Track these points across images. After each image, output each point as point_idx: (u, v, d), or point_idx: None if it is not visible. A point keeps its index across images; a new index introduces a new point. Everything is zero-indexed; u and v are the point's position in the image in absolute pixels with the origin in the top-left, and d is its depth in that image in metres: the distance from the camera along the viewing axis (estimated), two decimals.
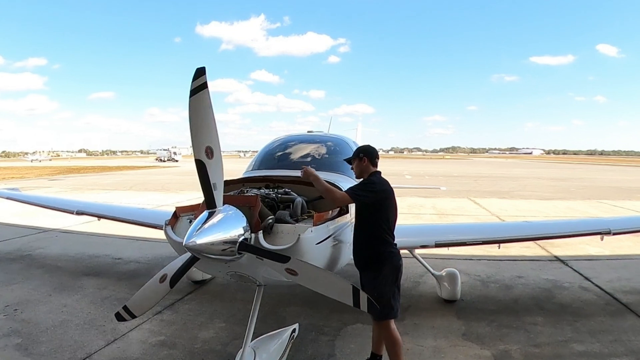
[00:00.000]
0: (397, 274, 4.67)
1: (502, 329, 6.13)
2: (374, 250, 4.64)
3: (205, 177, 3.53)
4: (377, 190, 4.61)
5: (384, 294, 4.53)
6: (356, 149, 5.06)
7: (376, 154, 4.96)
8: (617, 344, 5.67)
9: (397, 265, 4.68)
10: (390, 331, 4.63)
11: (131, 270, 8.93)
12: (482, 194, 25.34)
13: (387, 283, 4.60)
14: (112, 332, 5.85)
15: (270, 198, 4.63)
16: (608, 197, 24.54)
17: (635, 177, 46.70)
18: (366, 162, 4.86)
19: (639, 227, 7.94)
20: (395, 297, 4.65)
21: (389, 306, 4.56)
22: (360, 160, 4.88)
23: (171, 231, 4.30)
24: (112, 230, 12.01)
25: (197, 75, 3.34)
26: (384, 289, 4.56)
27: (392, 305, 4.59)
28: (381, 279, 4.58)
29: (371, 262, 4.66)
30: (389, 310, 4.57)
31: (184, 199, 20.80)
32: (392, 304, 4.60)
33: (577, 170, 64.12)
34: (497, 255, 9.75)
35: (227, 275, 4.29)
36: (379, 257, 4.62)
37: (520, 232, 7.67)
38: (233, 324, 6.17)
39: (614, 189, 30.39)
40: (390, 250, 4.65)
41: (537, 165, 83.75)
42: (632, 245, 11.37)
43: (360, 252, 4.76)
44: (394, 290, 4.63)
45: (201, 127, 3.47)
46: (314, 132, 8.32)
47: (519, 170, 60.72)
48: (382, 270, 4.59)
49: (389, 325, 4.62)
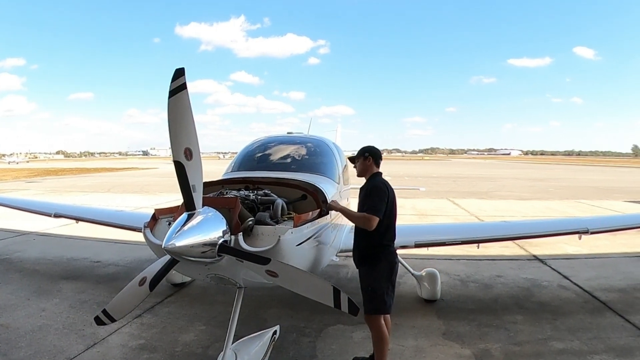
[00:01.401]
0: (392, 270, 4.78)
1: (482, 328, 6.17)
2: (373, 248, 4.74)
3: (184, 178, 3.50)
4: (389, 199, 4.73)
5: (377, 289, 4.65)
6: (361, 149, 5.13)
7: (380, 155, 5.14)
8: (596, 341, 5.74)
9: (393, 262, 4.80)
10: (379, 326, 4.70)
11: (110, 274, 8.84)
12: (461, 195, 25.56)
13: (382, 278, 4.69)
14: (91, 337, 5.78)
15: (250, 200, 4.60)
16: (586, 197, 24.90)
17: (613, 177, 47.44)
18: (371, 162, 5.00)
19: (616, 226, 8.11)
20: (389, 293, 4.73)
21: (382, 301, 4.66)
22: (365, 159, 5.01)
23: (150, 234, 4.27)
24: (90, 233, 11.86)
25: (176, 76, 3.31)
26: (379, 284, 4.67)
27: (384, 301, 4.68)
28: (376, 274, 4.69)
29: (368, 257, 4.77)
30: (381, 304, 4.66)
31: (163, 201, 20.64)
32: (385, 299, 4.68)
33: (555, 170, 65.00)
34: (477, 255, 9.84)
35: (207, 278, 4.26)
36: (376, 253, 4.73)
37: (499, 232, 7.74)
38: (213, 326, 6.14)
39: (591, 189, 30.85)
40: (387, 248, 4.78)
41: (516, 166, 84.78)
42: (610, 244, 11.53)
43: (359, 249, 4.86)
44: (388, 286, 4.72)
45: (180, 128, 3.44)
46: (294, 133, 8.30)
47: (497, 171, 61.37)
48: (378, 265, 4.71)
49: (379, 320, 4.69)
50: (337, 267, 8.70)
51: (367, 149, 5.07)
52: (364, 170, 5.04)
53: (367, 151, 5.02)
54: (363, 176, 5.09)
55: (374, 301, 4.66)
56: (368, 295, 4.70)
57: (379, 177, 4.95)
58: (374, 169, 5.00)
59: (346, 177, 7.41)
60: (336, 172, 6.65)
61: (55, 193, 26.08)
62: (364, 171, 5.04)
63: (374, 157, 5.01)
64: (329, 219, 5.15)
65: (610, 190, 29.63)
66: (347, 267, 8.89)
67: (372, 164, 4.99)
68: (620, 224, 8.29)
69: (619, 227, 8.18)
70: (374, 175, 4.97)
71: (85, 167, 69.71)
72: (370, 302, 4.68)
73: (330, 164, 6.72)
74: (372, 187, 4.80)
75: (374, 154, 5.02)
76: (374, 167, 5.00)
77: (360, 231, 4.84)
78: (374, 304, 4.66)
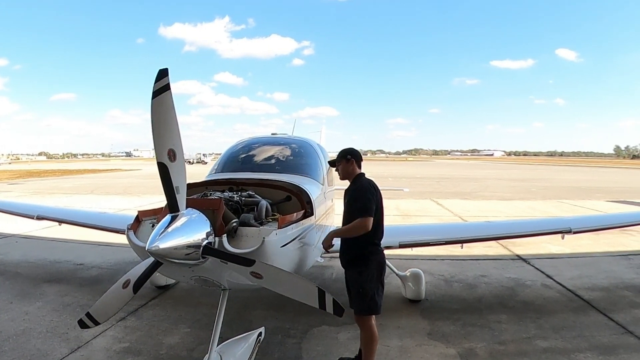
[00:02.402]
0: (381, 270, 4.79)
1: (466, 328, 6.21)
2: (362, 248, 4.72)
3: (168, 180, 3.48)
4: (377, 198, 4.73)
5: (368, 289, 4.65)
6: (342, 151, 5.11)
7: (361, 156, 5.12)
8: (580, 340, 5.80)
9: (381, 262, 4.81)
10: (370, 326, 4.71)
11: (93, 276, 8.76)
12: (445, 195, 25.68)
13: (372, 279, 4.68)
14: (75, 340, 5.72)
15: (234, 201, 4.59)
16: (568, 197, 25.14)
17: (595, 177, 47.97)
18: (353, 164, 4.98)
19: (599, 225, 8.19)
20: (379, 293, 4.74)
21: (373, 302, 4.67)
22: (348, 162, 4.98)
23: (134, 236, 4.24)
24: (73, 235, 11.78)
25: (160, 76, 3.29)
26: (369, 285, 4.66)
27: (375, 301, 4.68)
28: (365, 276, 4.66)
29: (357, 259, 4.75)
30: (373, 305, 4.67)
31: (146, 202, 20.48)
32: (376, 299, 4.69)
33: (538, 171, 65.58)
34: (460, 255, 9.89)
35: (191, 280, 4.25)
36: (365, 254, 4.72)
37: (482, 232, 7.79)
38: (198, 329, 6.11)
39: (574, 189, 31.16)
40: (375, 248, 4.77)
41: (499, 167, 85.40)
42: (592, 244, 11.66)
43: (347, 251, 4.82)
44: (377, 286, 4.73)
45: (163, 129, 3.42)
46: (278, 134, 8.29)
47: (480, 172, 61.77)
48: (368, 266, 4.69)
49: (370, 320, 4.71)
50: (322, 268, 8.70)
51: (348, 151, 5.06)
52: (347, 173, 5.02)
53: (348, 153, 5.02)
54: (347, 179, 5.06)
55: (365, 302, 4.65)
56: (359, 296, 4.68)
57: (364, 177, 4.94)
58: (357, 170, 4.99)
59: (330, 178, 7.41)
60: (320, 173, 6.65)
61: (37, 195, 25.80)
62: (347, 173, 5.01)
63: (356, 159, 5.00)
64: (314, 220, 5.15)
65: (593, 190, 29.95)
66: (332, 268, 8.89)
67: (354, 166, 4.97)
68: (602, 224, 8.38)
69: (602, 226, 8.27)
70: (358, 177, 4.94)
71: (68, 168, 69.05)
72: (361, 303, 4.67)
73: (314, 165, 6.72)
74: (358, 188, 4.79)
75: (355, 156, 5.02)
76: (356, 168, 4.99)
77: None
78: (365, 305, 4.66)
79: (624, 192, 28.64)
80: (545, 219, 13.80)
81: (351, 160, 4.97)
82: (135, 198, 23.99)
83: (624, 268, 9.57)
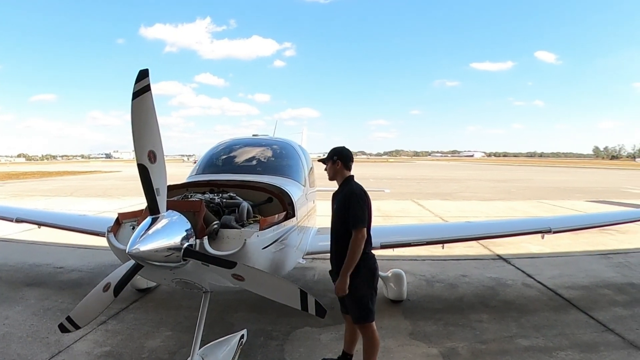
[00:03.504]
0: (373, 276, 4.65)
1: (448, 327, 6.24)
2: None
3: (148, 182, 3.46)
4: (368, 205, 4.57)
5: (362, 298, 4.53)
6: (331, 150, 4.88)
7: (351, 157, 4.88)
8: (561, 338, 5.87)
9: (373, 267, 4.66)
10: (371, 332, 4.63)
11: (74, 280, 8.66)
12: (426, 196, 25.80)
13: (365, 286, 4.56)
14: (56, 344, 5.65)
15: (215, 203, 4.58)
16: (548, 197, 25.45)
17: (574, 178, 48.59)
18: (340, 166, 4.77)
19: (578, 225, 8.30)
20: (373, 299, 4.62)
21: (367, 309, 4.56)
22: (334, 163, 4.78)
23: (114, 238, 4.20)
24: (53, 238, 11.63)
25: (140, 77, 3.27)
26: (362, 292, 4.54)
27: (370, 308, 4.58)
28: (358, 282, 4.50)
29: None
30: (367, 312, 4.57)
31: (126, 204, 20.30)
32: (370, 307, 4.58)
33: (518, 171, 66.28)
34: (441, 255, 9.93)
35: (172, 283, 4.22)
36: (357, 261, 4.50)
37: (463, 232, 7.85)
38: (180, 332, 6.06)
39: (553, 189, 31.54)
40: (365, 255, 4.55)
41: (479, 168, 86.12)
42: (572, 243, 11.80)
43: (337, 258, 4.62)
44: (371, 292, 4.62)
45: (144, 130, 3.40)
46: (260, 135, 8.29)
47: (461, 173, 62.25)
48: (359, 273, 4.50)
49: (371, 326, 4.62)
50: (303, 270, 8.70)
51: (336, 151, 4.84)
52: (334, 175, 4.82)
53: (335, 154, 4.79)
54: (334, 180, 4.88)
55: (359, 310, 4.57)
56: (353, 305, 4.58)
57: (353, 181, 4.76)
58: (345, 172, 4.79)
59: (312, 179, 7.41)
60: (302, 174, 6.65)
61: (16, 197, 25.48)
62: (335, 175, 4.81)
63: (343, 161, 4.76)
64: (295, 222, 5.15)
65: (572, 191, 30.34)
66: (314, 270, 8.90)
67: (341, 167, 4.76)
68: (582, 223, 8.49)
69: (581, 226, 8.38)
70: (347, 180, 4.77)
71: (48, 170, 68.25)
72: (357, 312, 4.58)
73: (296, 166, 6.72)
74: (350, 195, 4.56)
75: (343, 157, 4.78)
76: (344, 170, 4.78)
77: (338, 239, 4.63)
78: (361, 313, 4.56)
79: (603, 192, 29.06)
80: (525, 219, 13.92)
81: (337, 162, 4.76)
82: (115, 200, 23.79)
83: (604, 267, 9.70)
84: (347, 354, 5.06)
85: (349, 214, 4.46)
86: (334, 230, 4.73)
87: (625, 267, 9.67)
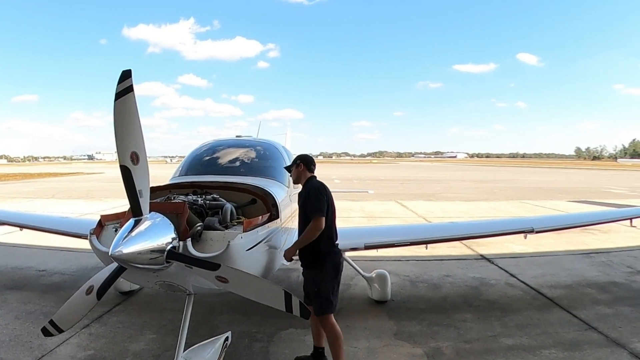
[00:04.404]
0: (337, 271, 4.90)
1: (432, 327, 6.26)
2: (318, 250, 4.79)
3: (131, 183, 3.43)
4: (327, 197, 4.86)
5: (323, 290, 4.75)
6: (295, 158, 5.32)
7: (312, 161, 5.25)
8: (544, 337, 5.92)
9: (337, 262, 4.91)
10: (331, 325, 4.79)
11: (56, 283, 8.58)
12: (409, 197, 25.88)
13: (327, 279, 4.79)
14: (39, 348, 5.58)
15: (198, 204, 4.56)
16: (530, 197, 25.68)
17: (556, 178, 49.10)
18: (302, 168, 5.14)
19: (560, 225, 8.39)
20: (334, 293, 4.84)
21: (328, 301, 4.76)
22: (297, 167, 5.16)
23: (96, 241, 4.17)
24: (35, 240, 11.47)
25: (123, 78, 3.25)
26: (324, 285, 4.76)
27: (330, 301, 4.77)
28: (322, 276, 4.78)
29: (314, 259, 4.84)
30: (327, 304, 4.76)
31: (109, 206, 20.20)
32: (331, 299, 4.78)
33: (500, 172, 66.80)
34: (425, 256, 9.96)
35: (155, 285, 4.20)
36: (321, 255, 4.80)
37: (446, 233, 7.89)
38: (164, 334, 6.03)
39: (535, 190, 31.84)
40: (331, 249, 4.87)
41: (462, 168, 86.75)
42: (554, 243, 11.90)
43: (305, 254, 4.89)
44: (333, 286, 4.83)
45: (126, 131, 3.38)
46: (243, 136, 8.26)
47: (444, 173, 62.62)
48: (323, 267, 4.80)
49: (330, 319, 4.79)
50: (287, 271, 8.67)
51: (299, 157, 5.27)
52: (298, 177, 5.21)
53: (298, 159, 5.21)
54: (299, 182, 5.26)
55: (319, 302, 4.75)
56: (314, 296, 4.80)
57: (314, 179, 5.11)
58: (307, 174, 5.15)
59: None
60: (286, 175, 6.64)
61: None
62: (299, 177, 5.20)
63: (305, 163, 5.15)
64: (280, 223, 5.14)
65: (554, 191, 30.65)
66: (298, 271, 8.79)
67: (304, 169, 5.14)
68: (564, 223, 8.59)
69: (563, 226, 8.47)
70: (309, 180, 5.12)
71: (29, 172, 67.58)
72: (316, 303, 4.75)
73: (279, 167, 6.70)
74: (309, 189, 4.94)
75: (305, 161, 5.17)
76: (306, 172, 5.15)
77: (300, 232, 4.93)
78: (320, 305, 4.74)
79: (585, 192, 29.39)
80: (508, 219, 14.03)
81: (300, 165, 5.15)
82: (97, 202, 23.62)
83: (586, 266, 9.80)
84: (318, 347, 5.19)
85: (308, 205, 4.80)
86: (300, 226, 4.97)
87: (607, 266, 9.78)
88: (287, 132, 16.42)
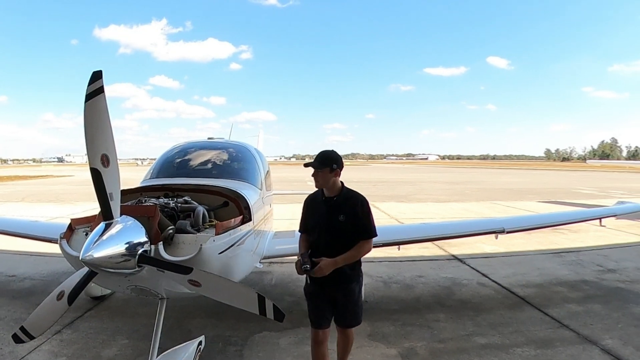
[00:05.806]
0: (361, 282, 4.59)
1: (406, 327, 6.31)
2: (355, 264, 4.45)
3: (101, 186, 3.39)
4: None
5: (359, 301, 4.51)
6: (324, 157, 4.35)
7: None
8: (517, 335, 6.00)
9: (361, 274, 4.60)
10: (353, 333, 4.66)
11: (26, 288, 8.42)
12: (381, 199, 25.92)
13: (360, 291, 4.53)
14: (10, 356, 5.46)
15: (169, 207, 4.54)
16: (501, 198, 25.99)
17: (526, 179, 49.83)
18: (339, 175, 4.40)
19: (531, 225, 8.55)
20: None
21: (361, 313, 4.56)
22: (332, 171, 4.29)
23: (67, 245, 4.12)
24: (4, 245, 11.26)
25: (93, 79, 3.22)
26: (358, 296, 4.50)
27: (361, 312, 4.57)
28: (357, 287, 4.45)
29: (347, 276, 4.36)
30: (361, 315, 4.56)
31: (79, 210, 19.87)
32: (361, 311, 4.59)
33: (471, 174, 67.49)
34: (398, 257, 10.03)
35: (127, 290, 4.16)
36: (354, 270, 4.44)
37: (418, 234, 7.97)
38: (137, 340, 5.96)
39: (506, 191, 32.24)
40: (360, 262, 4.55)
41: (433, 170, 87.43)
42: (525, 243, 12.09)
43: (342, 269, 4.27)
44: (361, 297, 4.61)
45: (97, 133, 3.34)
46: (215, 138, 8.21)
47: (415, 175, 62.98)
48: (359, 279, 4.49)
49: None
50: (261, 274, 8.65)
51: (333, 159, 4.34)
52: (325, 182, 4.33)
53: (333, 162, 4.30)
54: (325, 187, 4.37)
55: (358, 314, 4.51)
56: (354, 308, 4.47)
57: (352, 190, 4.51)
58: (339, 183, 4.42)
59: (269, 182, 7.39)
60: (258, 178, 6.63)
61: None
62: (326, 183, 4.34)
63: (342, 168, 4.40)
64: (252, 226, 5.13)
65: (524, 192, 31.09)
66: (271, 274, 8.88)
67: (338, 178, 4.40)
68: (534, 223, 8.74)
69: (533, 226, 8.63)
70: (346, 188, 4.48)
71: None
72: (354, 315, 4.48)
73: (252, 169, 6.69)
74: (363, 202, 4.42)
75: (341, 167, 4.40)
76: (338, 181, 4.42)
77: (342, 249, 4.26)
78: (357, 317, 4.52)
79: (555, 193, 29.90)
80: (479, 220, 14.16)
81: (337, 171, 4.33)
82: (68, 205, 23.21)
83: (557, 265, 9.97)
84: None
85: (360, 222, 4.33)
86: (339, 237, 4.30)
87: (577, 264, 9.95)
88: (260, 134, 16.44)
